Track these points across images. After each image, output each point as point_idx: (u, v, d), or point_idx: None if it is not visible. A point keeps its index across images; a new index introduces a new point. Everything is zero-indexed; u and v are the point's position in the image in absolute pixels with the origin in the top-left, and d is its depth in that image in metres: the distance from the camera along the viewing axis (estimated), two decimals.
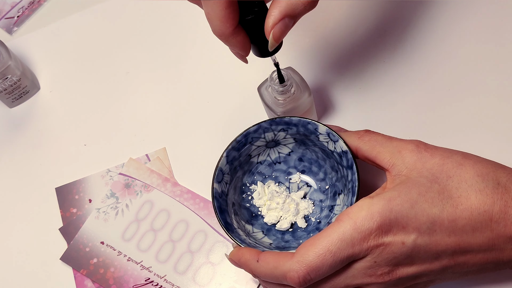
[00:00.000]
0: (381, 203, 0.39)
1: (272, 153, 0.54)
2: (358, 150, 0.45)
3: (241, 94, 0.60)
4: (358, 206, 0.39)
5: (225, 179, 0.50)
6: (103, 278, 0.55)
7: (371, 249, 0.38)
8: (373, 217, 0.38)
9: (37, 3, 0.70)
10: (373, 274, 0.39)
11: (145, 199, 0.57)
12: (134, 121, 0.61)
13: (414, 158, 0.41)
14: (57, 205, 0.59)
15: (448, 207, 0.38)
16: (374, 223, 0.38)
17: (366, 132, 0.45)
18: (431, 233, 0.38)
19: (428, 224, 0.38)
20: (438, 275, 0.40)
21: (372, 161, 0.44)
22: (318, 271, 0.39)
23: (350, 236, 0.38)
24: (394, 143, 0.43)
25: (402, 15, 0.60)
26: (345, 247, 0.38)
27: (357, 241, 0.38)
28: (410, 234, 0.38)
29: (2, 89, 0.61)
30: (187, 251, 0.55)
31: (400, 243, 0.38)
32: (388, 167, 0.42)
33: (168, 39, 0.65)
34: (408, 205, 0.38)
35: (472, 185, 0.39)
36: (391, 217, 0.38)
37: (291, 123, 0.50)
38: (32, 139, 0.62)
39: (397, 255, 0.38)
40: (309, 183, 0.54)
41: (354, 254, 0.39)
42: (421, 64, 0.58)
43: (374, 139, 0.44)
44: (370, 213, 0.38)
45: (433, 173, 0.40)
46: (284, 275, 0.40)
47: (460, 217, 0.38)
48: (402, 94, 0.57)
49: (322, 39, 0.61)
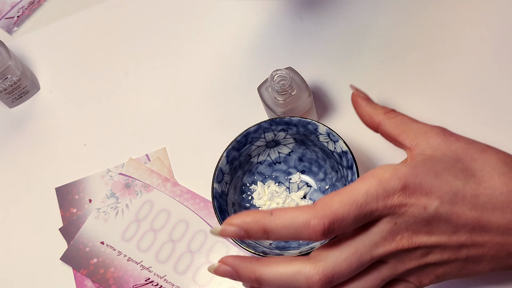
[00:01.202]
0: (406, 167, 0.39)
1: (272, 153, 0.54)
2: (381, 125, 0.45)
3: (241, 94, 0.60)
4: (383, 167, 0.39)
5: (225, 179, 0.50)
6: (103, 278, 0.55)
7: (394, 208, 0.38)
8: (399, 178, 0.38)
9: (37, 3, 0.70)
10: (392, 237, 0.38)
11: (145, 199, 0.57)
12: (134, 121, 0.61)
13: (439, 140, 0.41)
14: (57, 205, 0.59)
15: (471, 183, 0.39)
16: (399, 184, 0.38)
17: (392, 110, 0.45)
18: (453, 203, 0.38)
19: (451, 195, 0.38)
20: (453, 254, 0.39)
21: (394, 138, 0.44)
22: (343, 221, 0.37)
23: (376, 191, 0.37)
24: (419, 125, 0.43)
25: (402, 15, 0.60)
26: (371, 201, 0.37)
27: (381, 197, 0.37)
28: (433, 200, 0.38)
29: (2, 89, 0.61)
30: (187, 251, 0.55)
31: (422, 207, 0.38)
32: (411, 146, 0.42)
33: (168, 39, 0.65)
34: (432, 174, 0.38)
35: (495, 168, 0.39)
36: (416, 181, 0.38)
37: (291, 123, 0.50)
38: (32, 139, 0.62)
39: (417, 220, 0.38)
40: (309, 183, 0.54)
41: (377, 209, 0.38)
42: (421, 64, 0.58)
43: (400, 118, 0.44)
44: (396, 174, 0.38)
45: (457, 154, 0.40)
46: (306, 224, 0.37)
47: (482, 194, 0.38)
48: (402, 94, 0.57)
49: (322, 39, 0.61)
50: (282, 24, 0.62)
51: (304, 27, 0.62)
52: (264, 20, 0.63)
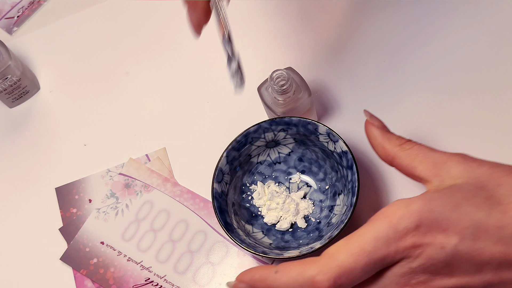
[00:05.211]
0: (420, 202, 0.35)
1: (272, 153, 0.54)
2: (396, 158, 0.41)
3: (241, 94, 0.60)
4: (395, 205, 0.36)
5: (225, 179, 0.50)
6: (103, 278, 0.55)
7: (407, 250, 0.34)
8: (411, 216, 0.34)
9: (37, 3, 0.70)
10: (407, 283, 0.35)
11: (145, 199, 0.57)
12: (134, 121, 0.61)
13: (460, 168, 0.37)
14: (57, 205, 0.59)
15: (496, 213, 0.34)
16: (412, 222, 0.34)
17: (408, 141, 0.41)
18: (475, 239, 0.34)
19: (472, 229, 0.34)
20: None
21: (411, 172, 0.40)
22: (350, 273, 0.34)
23: (386, 235, 0.34)
24: (438, 154, 0.39)
25: (402, 15, 0.60)
26: (380, 247, 0.34)
27: (392, 241, 0.34)
28: (451, 238, 0.34)
29: (2, 89, 0.61)
30: (187, 251, 0.55)
31: (440, 247, 0.34)
32: (429, 178, 0.38)
33: (167, 39, 0.65)
34: (450, 207, 0.35)
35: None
36: (431, 218, 0.34)
37: (291, 123, 0.50)
38: (32, 139, 0.62)
39: (435, 261, 0.34)
40: (309, 183, 0.54)
41: (389, 255, 0.35)
42: (421, 64, 0.58)
43: (417, 148, 0.40)
44: (408, 212, 0.35)
45: (481, 181, 0.36)
46: (311, 281, 0.35)
47: (509, 224, 0.34)
48: (402, 94, 0.57)
49: (322, 39, 0.61)
50: (282, 24, 0.62)
51: (304, 27, 0.62)
52: (264, 20, 0.63)
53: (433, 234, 0.34)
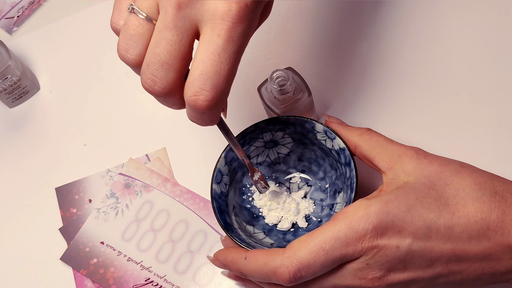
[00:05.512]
0: (378, 204, 0.38)
1: (271, 153, 0.54)
2: (357, 147, 0.45)
3: (241, 94, 0.60)
4: (355, 206, 0.39)
5: (224, 180, 0.50)
6: (103, 278, 0.55)
7: (365, 250, 0.38)
8: (369, 218, 0.38)
9: (37, 3, 0.70)
10: (364, 277, 0.38)
11: (145, 199, 0.57)
12: (134, 121, 0.61)
13: (413, 164, 0.41)
14: (57, 205, 0.59)
15: (445, 214, 0.38)
16: (370, 224, 0.38)
17: (368, 130, 0.45)
18: (426, 238, 0.38)
19: (424, 230, 0.38)
20: (429, 283, 0.39)
21: (370, 161, 0.44)
22: (309, 268, 0.38)
23: (345, 235, 0.38)
24: (395, 147, 0.43)
25: (402, 15, 0.60)
26: (339, 246, 0.38)
27: (351, 241, 0.38)
28: (406, 238, 0.38)
29: (2, 89, 0.61)
30: (187, 251, 0.55)
31: (395, 246, 0.37)
32: (385, 170, 0.42)
33: None
34: (405, 209, 0.38)
35: (469, 193, 0.39)
36: (388, 220, 0.38)
37: (289, 122, 0.50)
38: (32, 139, 0.62)
39: (390, 259, 0.38)
40: (309, 182, 0.54)
41: (347, 254, 0.38)
42: (421, 64, 0.58)
43: (375, 139, 0.44)
44: (367, 214, 0.38)
45: (430, 180, 0.40)
46: (274, 271, 0.39)
47: (456, 224, 0.38)
48: (402, 94, 0.57)
49: (322, 39, 0.61)
50: (282, 24, 0.62)
51: (304, 27, 0.62)
52: None
53: (389, 235, 0.38)
